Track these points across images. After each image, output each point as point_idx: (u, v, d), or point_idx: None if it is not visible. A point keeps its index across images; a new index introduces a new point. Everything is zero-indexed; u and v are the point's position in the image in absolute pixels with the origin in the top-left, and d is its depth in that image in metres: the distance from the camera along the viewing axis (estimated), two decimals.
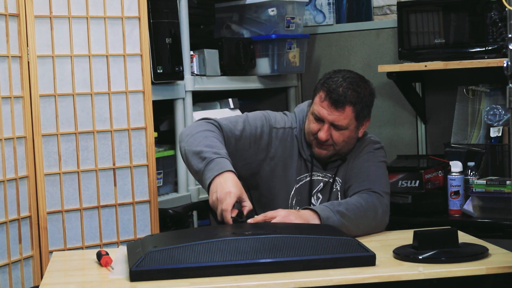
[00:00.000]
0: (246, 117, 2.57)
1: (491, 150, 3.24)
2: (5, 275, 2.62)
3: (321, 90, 2.47)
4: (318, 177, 2.55)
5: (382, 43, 3.80)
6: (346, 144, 2.50)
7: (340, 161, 2.56)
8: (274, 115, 2.60)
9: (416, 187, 3.11)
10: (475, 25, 3.25)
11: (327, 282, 1.88)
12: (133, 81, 2.94)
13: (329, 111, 2.44)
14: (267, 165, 2.55)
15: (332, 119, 2.44)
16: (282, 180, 2.55)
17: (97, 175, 2.87)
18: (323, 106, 2.45)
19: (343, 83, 2.44)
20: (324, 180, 2.55)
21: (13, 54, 2.67)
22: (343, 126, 2.45)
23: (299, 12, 3.75)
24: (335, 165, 2.56)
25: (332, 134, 2.46)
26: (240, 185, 2.29)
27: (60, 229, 2.80)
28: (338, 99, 2.42)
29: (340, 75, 2.48)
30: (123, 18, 2.91)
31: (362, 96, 2.47)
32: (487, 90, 3.35)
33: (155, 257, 1.91)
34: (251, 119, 2.56)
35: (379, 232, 2.43)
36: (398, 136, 3.79)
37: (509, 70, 1.84)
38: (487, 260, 2.01)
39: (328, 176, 2.55)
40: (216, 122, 2.50)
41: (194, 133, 2.44)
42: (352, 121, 2.46)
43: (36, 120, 2.73)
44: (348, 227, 2.29)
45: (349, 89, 2.44)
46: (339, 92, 2.43)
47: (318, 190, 2.55)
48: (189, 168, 2.42)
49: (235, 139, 2.49)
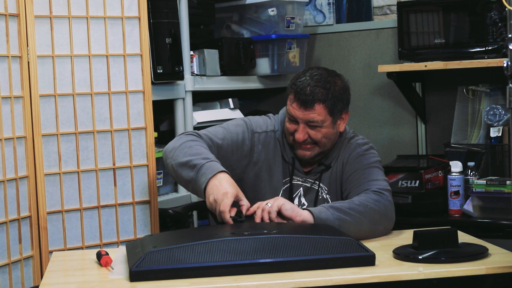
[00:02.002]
0: (226, 125, 2.58)
1: (491, 150, 3.24)
2: (5, 275, 2.62)
3: (290, 91, 2.48)
4: (298, 182, 2.54)
5: (382, 43, 3.80)
6: (328, 140, 2.48)
7: (323, 167, 2.54)
8: (256, 120, 2.60)
9: (416, 187, 3.11)
10: (475, 25, 3.25)
11: (327, 282, 1.88)
12: (133, 81, 2.94)
13: (300, 111, 2.44)
14: (251, 170, 2.54)
15: (305, 119, 2.44)
16: (267, 184, 2.54)
17: (97, 175, 2.87)
18: (294, 107, 2.45)
19: (310, 81, 2.43)
20: (304, 186, 2.53)
21: (13, 54, 2.68)
22: (318, 123, 2.44)
23: (299, 12, 3.75)
24: (317, 171, 2.54)
25: (309, 133, 2.45)
26: (236, 184, 2.29)
27: (60, 229, 2.80)
28: (306, 99, 2.42)
29: (307, 74, 2.47)
30: (123, 18, 2.91)
31: (332, 91, 2.44)
32: (487, 90, 3.35)
33: (155, 257, 1.91)
34: (232, 126, 2.56)
35: (389, 229, 2.40)
36: (398, 136, 3.79)
37: (509, 70, 1.84)
38: (487, 260, 2.01)
39: (309, 181, 2.53)
40: (195, 133, 2.52)
41: (177, 147, 2.44)
42: (326, 117, 2.45)
43: (36, 120, 2.73)
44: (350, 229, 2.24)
45: (316, 87, 2.42)
46: (306, 92, 2.42)
47: (298, 195, 2.53)
48: (180, 180, 2.43)
49: (217, 148, 2.50)
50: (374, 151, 2.57)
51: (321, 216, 2.25)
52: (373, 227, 2.33)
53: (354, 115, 3.88)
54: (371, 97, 3.84)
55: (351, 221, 2.27)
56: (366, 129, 3.85)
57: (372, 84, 3.84)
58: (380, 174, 2.51)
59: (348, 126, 2.67)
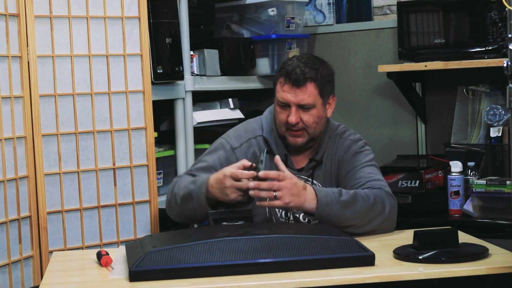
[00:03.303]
0: (206, 153, 2.59)
1: (491, 150, 3.24)
2: (5, 275, 2.62)
3: (279, 76, 2.50)
4: None
5: (382, 43, 3.80)
6: (318, 124, 2.50)
7: (314, 163, 2.55)
8: (236, 133, 2.60)
9: (416, 187, 3.11)
10: (475, 25, 3.25)
11: (327, 282, 1.88)
12: (133, 81, 2.94)
13: (292, 93, 2.45)
14: None
15: (298, 100, 2.45)
16: None
17: (97, 175, 2.87)
18: (285, 90, 2.46)
19: (299, 63, 2.48)
20: None
21: (13, 54, 2.68)
22: (310, 105, 2.46)
23: (299, 12, 3.75)
24: (309, 167, 2.55)
25: (302, 117, 2.47)
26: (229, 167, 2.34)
27: (60, 229, 2.80)
28: (297, 77, 2.45)
29: (294, 59, 2.52)
30: (123, 18, 2.91)
31: (321, 72, 2.49)
32: (487, 90, 3.35)
33: (155, 257, 1.91)
34: (209, 156, 2.58)
35: (389, 230, 2.41)
36: (398, 136, 3.79)
37: (509, 70, 1.84)
38: (487, 260, 2.01)
39: (302, 178, 2.52)
40: (186, 173, 2.57)
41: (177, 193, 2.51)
42: (317, 98, 2.47)
43: (36, 120, 2.73)
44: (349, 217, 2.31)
45: (306, 67, 2.46)
46: (297, 72, 2.45)
47: None
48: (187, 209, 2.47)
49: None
50: (369, 148, 2.61)
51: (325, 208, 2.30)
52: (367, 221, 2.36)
53: (354, 115, 3.88)
54: (371, 97, 3.84)
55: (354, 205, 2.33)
56: (366, 129, 3.84)
57: (372, 84, 3.84)
58: (379, 174, 2.53)
59: (348, 126, 2.68)
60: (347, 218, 2.31)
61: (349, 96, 3.89)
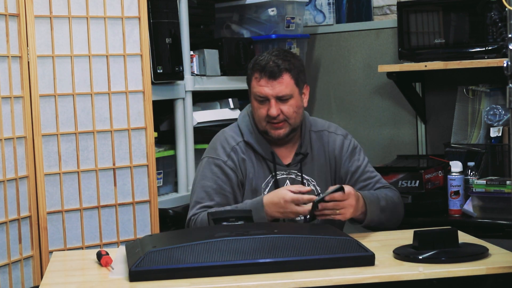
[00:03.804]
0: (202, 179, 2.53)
1: (491, 150, 3.24)
2: (5, 275, 2.62)
3: (254, 72, 2.52)
4: (283, 175, 2.55)
5: (382, 43, 3.80)
6: (297, 114, 2.52)
7: (301, 156, 2.56)
8: (213, 149, 2.57)
9: (416, 187, 3.11)
10: (475, 25, 3.25)
11: (327, 282, 1.88)
12: (133, 81, 2.94)
13: (270, 86, 2.48)
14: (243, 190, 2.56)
15: (276, 92, 2.47)
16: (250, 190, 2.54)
17: (97, 175, 2.87)
18: (262, 85, 2.49)
19: (271, 57, 2.50)
20: (290, 177, 2.55)
21: (13, 54, 2.67)
22: (288, 95, 2.48)
23: (299, 12, 3.75)
24: (296, 160, 2.56)
25: (282, 109, 2.48)
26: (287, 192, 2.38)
27: (60, 229, 2.80)
28: (272, 70, 2.47)
29: (265, 54, 2.54)
30: (123, 18, 2.91)
31: (293, 62, 2.51)
32: (487, 90, 3.35)
33: (155, 257, 1.91)
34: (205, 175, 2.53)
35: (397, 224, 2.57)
36: (398, 136, 3.79)
37: (509, 70, 1.84)
38: (487, 260, 2.01)
39: (292, 173, 2.56)
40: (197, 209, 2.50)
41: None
42: (294, 88, 2.50)
43: (36, 120, 2.73)
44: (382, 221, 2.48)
45: (279, 59, 2.49)
46: (271, 65, 2.48)
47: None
48: None
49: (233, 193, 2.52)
50: (354, 139, 2.68)
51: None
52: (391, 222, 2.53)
53: (354, 115, 3.88)
54: (371, 97, 3.84)
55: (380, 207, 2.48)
56: (366, 129, 3.85)
57: (372, 84, 3.84)
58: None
59: (348, 126, 2.70)
60: (381, 221, 2.49)
61: (349, 96, 3.89)
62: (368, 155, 3.50)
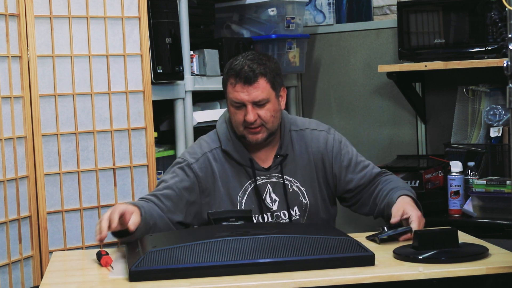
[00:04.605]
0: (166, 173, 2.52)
1: (491, 150, 3.24)
2: (5, 275, 2.62)
3: (229, 77, 2.46)
4: (263, 180, 2.51)
5: (382, 43, 3.80)
6: (275, 118, 2.47)
7: (280, 158, 2.52)
8: (187, 152, 2.55)
9: (416, 187, 3.11)
10: (475, 25, 3.25)
11: (327, 282, 1.88)
12: (133, 81, 2.94)
13: (245, 91, 2.42)
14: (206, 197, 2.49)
15: (252, 97, 2.42)
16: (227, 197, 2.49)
17: (97, 175, 2.87)
18: (238, 90, 2.43)
19: (246, 61, 2.45)
20: (271, 181, 2.51)
21: (13, 54, 2.68)
22: (265, 100, 2.43)
23: (299, 12, 3.75)
24: (277, 163, 2.52)
25: (259, 113, 2.44)
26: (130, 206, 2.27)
27: (60, 229, 2.80)
28: (248, 75, 2.41)
29: (240, 57, 2.49)
30: (123, 18, 2.91)
31: (268, 65, 2.46)
32: (487, 90, 3.35)
33: (155, 257, 1.91)
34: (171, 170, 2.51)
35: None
36: (398, 136, 3.79)
37: (509, 70, 1.84)
38: (487, 260, 2.01)
39: (273, 176, 2.51)
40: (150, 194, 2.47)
41: None
42: (270, 92, 2.45)
43: (36, 120, 2.73)
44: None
45: (253, 63, 2.44)
46: (245, 69, 2.42)
47: (267, 193, 2.51)
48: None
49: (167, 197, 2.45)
50: (338, 132, 2.65)
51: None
52: None
53: (354, 115, 3.88)
54: (371, 97, 3.84)
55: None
56: (366, 129, 3.85)
57: (372, 84, 3.84)
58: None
59: (348, 126, 2.70)
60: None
61: (349, 96, 3.89)
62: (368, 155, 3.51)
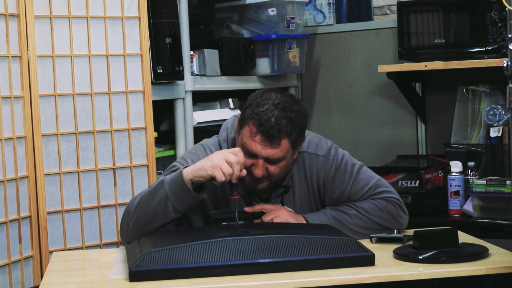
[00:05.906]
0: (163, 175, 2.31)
1: (491, 150, 3.24)
2: (5, 275, 2.62)
3: (250, 121, 2.16)
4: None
5: (382, 43, 3.80)
6: (282, 173, 2.25)
7: (282, 189, 2.32)
8: (187, 154, 2.33)
9: (416, 187, 3.11)
10: (475, 25, 3.25)
11: (327, 282, 1.88)
12: (133, 81, 2.94)
13: (263, 146, 2.15)
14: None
15: (267, 154, 2.16)
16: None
17: (97, 175, 2.87)
18: (255, 141, 2.15)
19: (275, 111, 2.14)
20: None
21: (13, 54, 2.68)
22: (280, 159, 2.18)
23: (299, 12, 3.75)
24: (277, 194, 2.33)
25: (268, 168, 2.19)
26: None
27: (60, 229, 2.80)
28: (272, 134, 2.13)
29: (270, 101, 2.17)
30: (123, 18, 2.91)
31: (296, 121, 2.17)
32: (487, 90, 3.35)
33: (155, 257, 1.91)
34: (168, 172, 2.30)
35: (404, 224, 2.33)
36: (398, 136, 3.79)
37: (509, 70, 1.84)
38: (487, 260, 2.01)
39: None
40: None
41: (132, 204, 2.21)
42: (288, 151, 2.19)
43: (36, 120, 2.73)
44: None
45: (283, 118, 2.14)
46: (272, 124, 2.13)
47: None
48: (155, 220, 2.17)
49: None
50: (341, 150, 2.36)
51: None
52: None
53: (354, 115, 3.88)
54: (371, 97, 3.84)
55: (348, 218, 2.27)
56: (366, 129, 3.85)
57: (372, 84, 3.84)
58: (368, 174, 2.33)
59: (348, 126, 2.67)
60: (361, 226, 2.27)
61: (349, 96, 3.89)
62: (368, 155, 3.52)
